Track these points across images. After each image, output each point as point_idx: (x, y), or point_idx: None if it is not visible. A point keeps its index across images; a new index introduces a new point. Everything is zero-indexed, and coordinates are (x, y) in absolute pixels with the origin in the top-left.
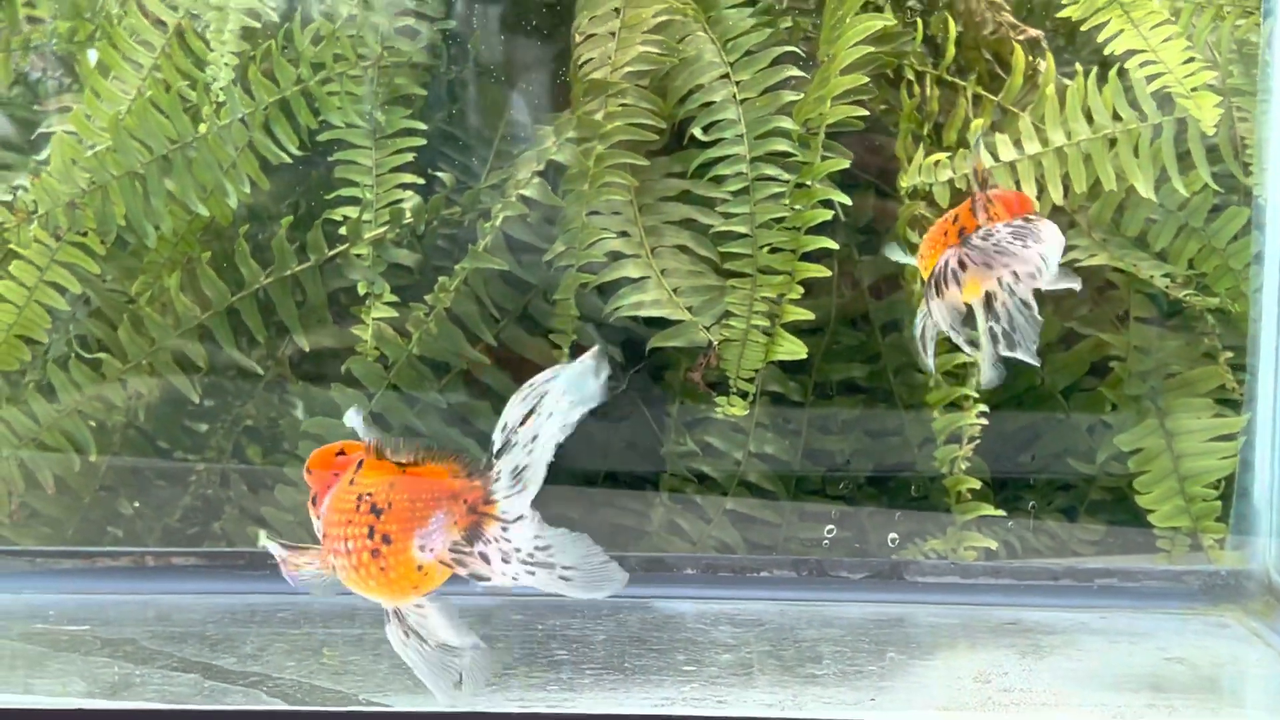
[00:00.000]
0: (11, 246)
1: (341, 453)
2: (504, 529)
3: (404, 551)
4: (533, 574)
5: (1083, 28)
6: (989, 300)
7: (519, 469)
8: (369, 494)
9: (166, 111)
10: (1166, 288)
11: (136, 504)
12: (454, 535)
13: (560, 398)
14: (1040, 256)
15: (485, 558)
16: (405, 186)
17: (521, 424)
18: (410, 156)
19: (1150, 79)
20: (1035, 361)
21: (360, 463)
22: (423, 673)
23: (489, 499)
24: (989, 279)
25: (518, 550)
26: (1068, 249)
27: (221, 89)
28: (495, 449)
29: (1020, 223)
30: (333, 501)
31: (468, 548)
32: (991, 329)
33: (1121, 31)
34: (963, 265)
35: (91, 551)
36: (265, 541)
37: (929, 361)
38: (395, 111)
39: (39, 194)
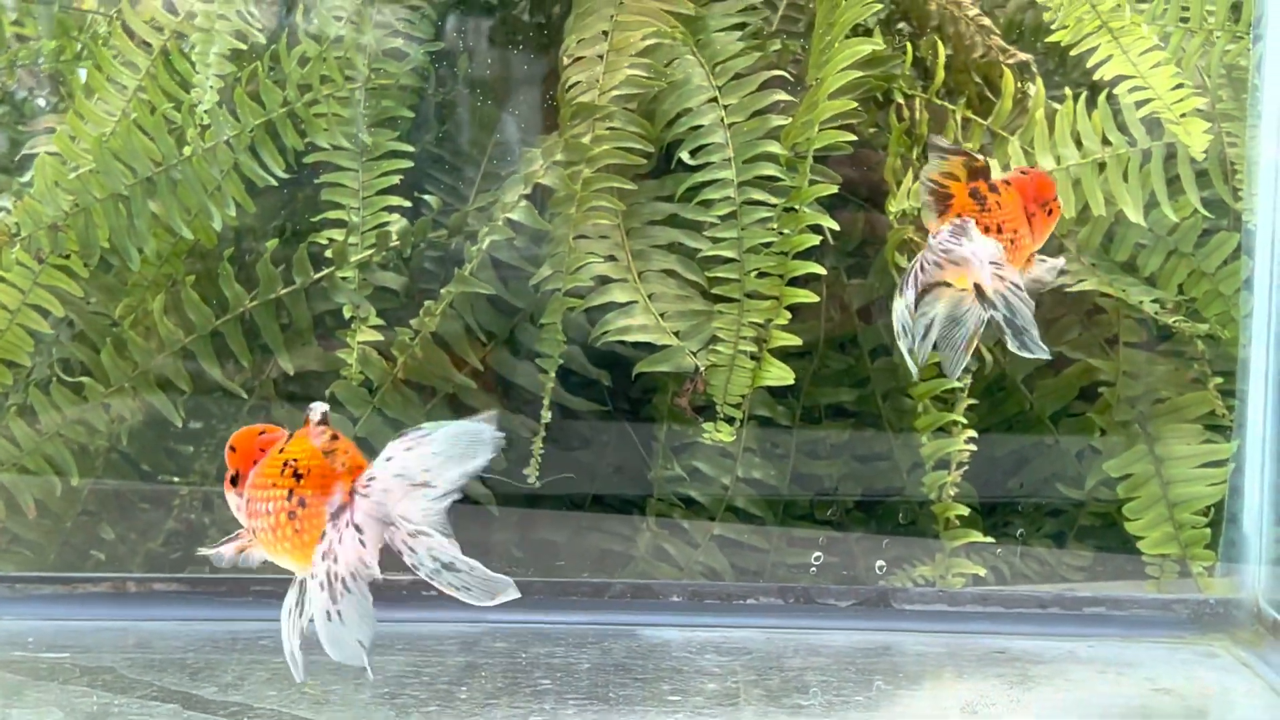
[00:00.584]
0: None
1: (263, 433)
2: (359, 528)
3: (316, 516)
4: (322, 588)
5: (1072, 53)
6: (979, 291)
7: (386, 489)
8: (294, 460)
9: (151, 133)
10: (1156, 313)
11: (118, 528)
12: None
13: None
14: (973, 254)
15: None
16: (392, 209)
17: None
18: (397, 179)
19: (1139, 104)
20: (1046, 354)
21: (290, 435)
22: (291, 642)
23: (365, 493)
24: (968, 273)
25: (334, 558)
26: (1057, 275)
27: (206, 111)
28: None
29: (956, 222)
30: (260, 469)
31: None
32: (993, 319)
33: (1111, 57)
34: (923, 268)
35: (72, 578)
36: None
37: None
38: (382, 133)
39: (21, 216)
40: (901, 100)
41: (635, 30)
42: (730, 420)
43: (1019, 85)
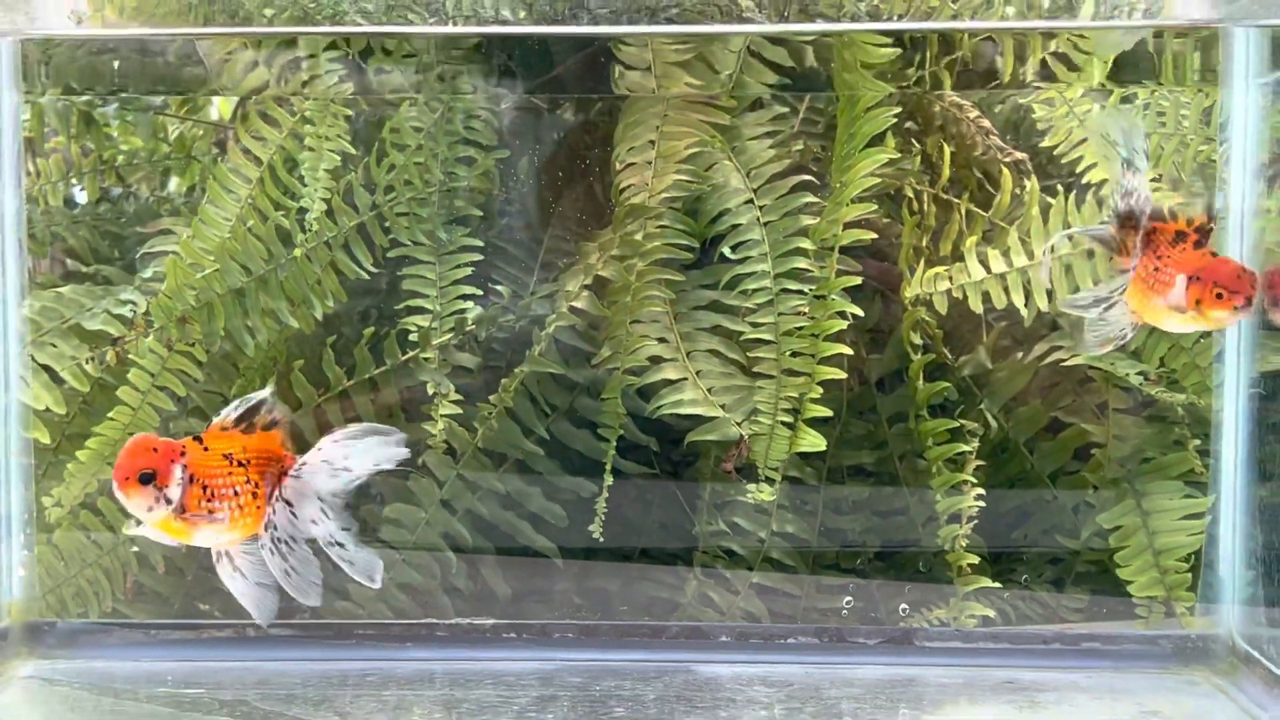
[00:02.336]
0: (131, 356)
1: (155, 449)
2: (289, 502)
3: (262, 494)
4: (272, 553)
5: (1061, 161)
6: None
7: (314, 471)
8: (231, 453)
9: (263, 237)
10: (1140, 384)
11: None
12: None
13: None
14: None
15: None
16: (465, 297)
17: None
18: (470, 270)
19: None
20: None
21: (197, 438)
22: (247, 600)
23: (296, 474)
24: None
25: (274, 527)
26: (1053, 349)
27: (315, 219)
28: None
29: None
30: (202, 463)
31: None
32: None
33: (1095, 164)
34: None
35: (200, 624)
36: (132, 530)
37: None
38: (456, 230)
39: (155, 310)
40: (911, 195)
41: (679, 139)
42: (770, 481)
43: (1016, 180)
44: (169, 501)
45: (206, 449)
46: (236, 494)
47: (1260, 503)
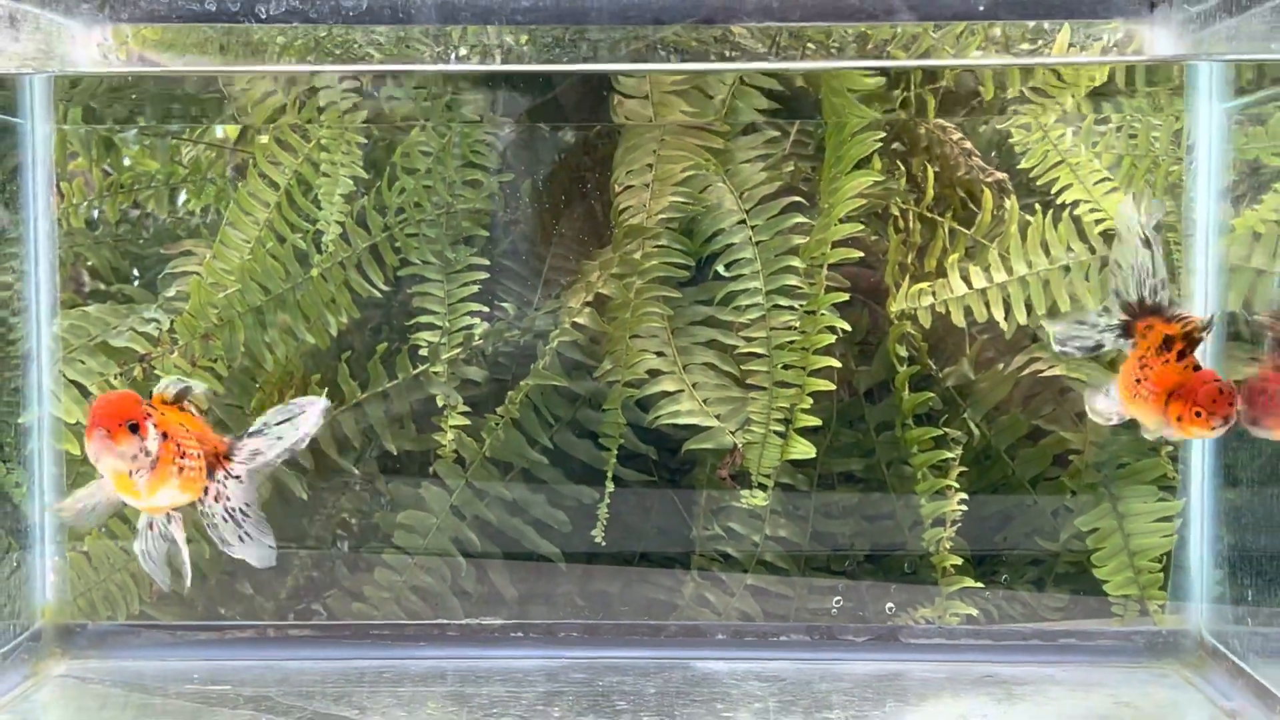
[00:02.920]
0: (157, 371)
1: (138, 402)
2: (226, 481)
3: (203, 463)
4: (226, 520)
5: (1038, 183)
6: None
7: (257, 451)
8: (184, 425)
9: (281, 259)
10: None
11: (254, 584)
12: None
13: (311, 421)
14: None
15: (207, 490)
16: (473, 314)
17: (278, 424)
18: (476, 288)
19: (1097, 222)
20: None
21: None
22: (153, 564)
23: (230, 455)
24: None
25: (227, 499)
26: (1032, 360)
27: (330, 241)
28: (250, 430)
29: None
30: (169, 428)
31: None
32: None
33: (1070, 185)
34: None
35: (223, 625)
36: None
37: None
38: (462, 250)
39: (180, 328)
40: (897, 213)
41: (675, 163)
42: (763, 487)
43: (996, 199)
44: (148, 454)
45: (163, 414)
46: (196, 456)
47: (1227, 506)
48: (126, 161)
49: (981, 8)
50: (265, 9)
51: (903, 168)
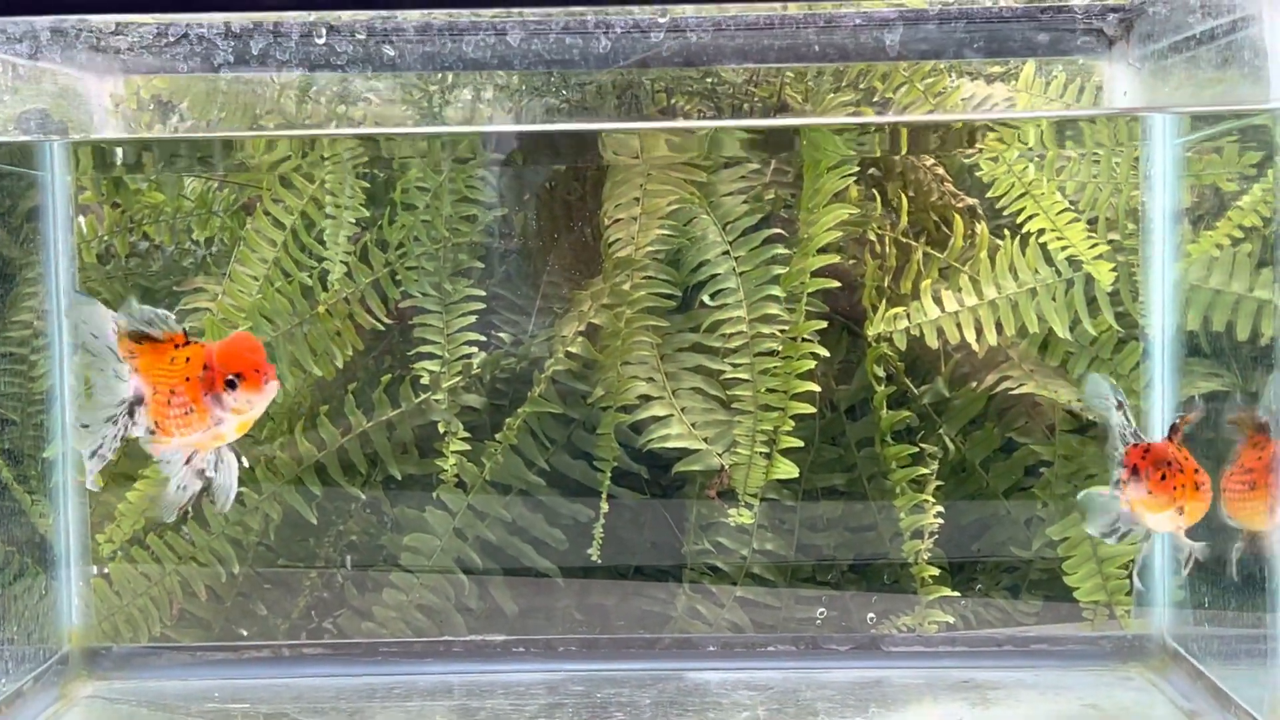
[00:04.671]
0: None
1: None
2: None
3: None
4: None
5: (1004, 213)
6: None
7: None
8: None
9: (289, 296)
10: (1081, 409)
11: (267, 604)
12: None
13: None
14: None
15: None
16: (471, 343)
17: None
18: (473, 318)
19: (1063, 248)
20: None
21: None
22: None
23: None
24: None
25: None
26: (1001, 379)
27: (337, 280)
28: None
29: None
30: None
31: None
32: None
33: (1034, 216)
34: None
35: (239, 645)
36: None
37: None
38: (460, 282)
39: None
40: (874, 238)
41: (661, 197)
42: (750, 506)
43: (968, 224)
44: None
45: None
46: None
47: None
48: (138, 198)
49: (958, 52)
50: (277, 55)
51: (878, 194)
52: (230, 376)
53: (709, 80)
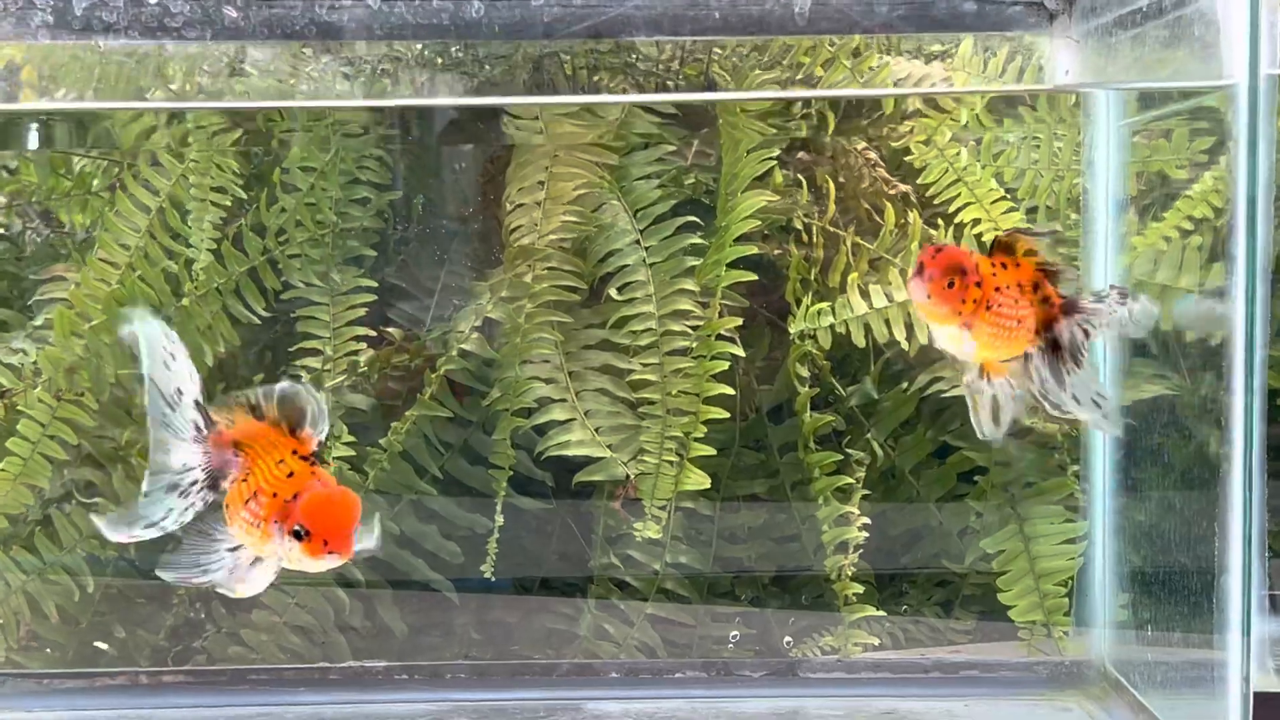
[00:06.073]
0: (20, 408)
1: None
2: None
3: None
4: None
5: (936, 201)
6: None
7: None
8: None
9: (152, 284)
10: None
11: (126, 626)
12: None
13: None
14: None
15: None
16: (359, 339)
17: None
18: (363, 311)
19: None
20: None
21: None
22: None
23: None
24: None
25: None
26: (934, 380)
27: (202, 269)
28: None
29: None
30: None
31: None
32: None
33: (968, 205)
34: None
35: (91, 672)
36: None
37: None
38: (349, 271)
39: (43, 362)
40: (800, 227)
41: (568, 180)
42: (656, 519)
43: (900, 212)
44: None
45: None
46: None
47: (1131, 526)
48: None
49: (880, 23)
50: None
51: (805, 180)
52: (300, 527)
53: (632, 55)
